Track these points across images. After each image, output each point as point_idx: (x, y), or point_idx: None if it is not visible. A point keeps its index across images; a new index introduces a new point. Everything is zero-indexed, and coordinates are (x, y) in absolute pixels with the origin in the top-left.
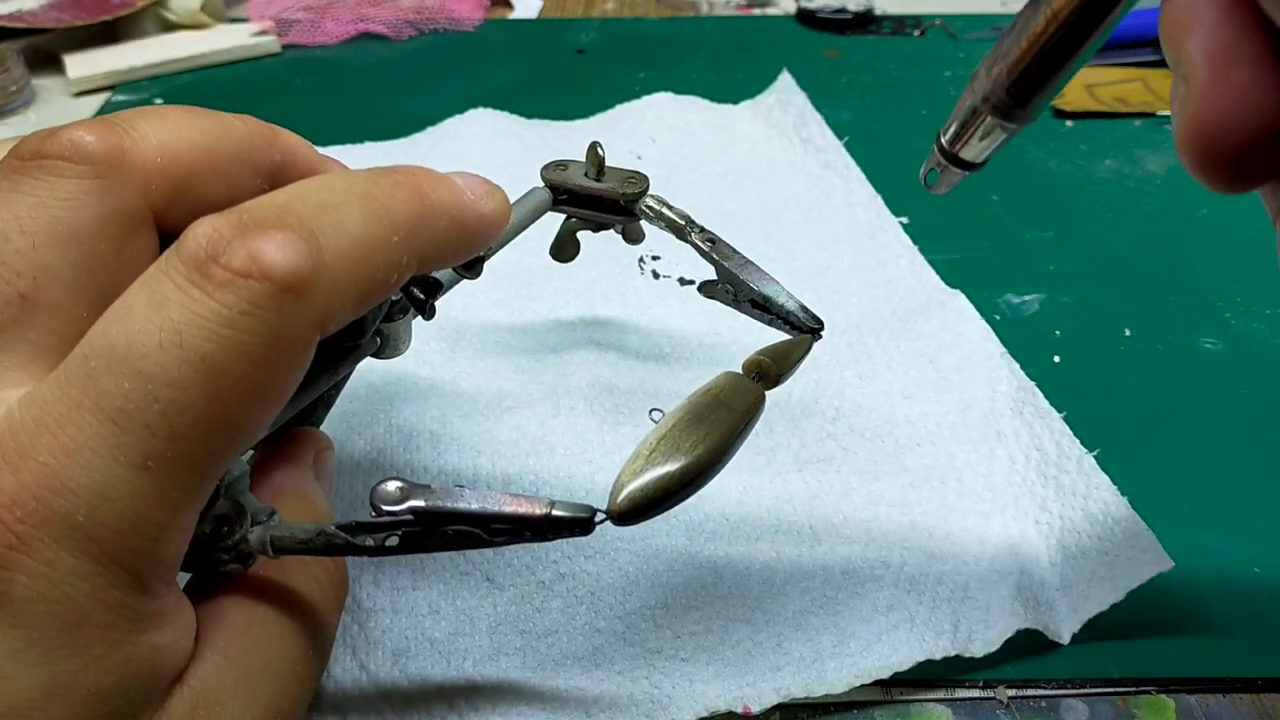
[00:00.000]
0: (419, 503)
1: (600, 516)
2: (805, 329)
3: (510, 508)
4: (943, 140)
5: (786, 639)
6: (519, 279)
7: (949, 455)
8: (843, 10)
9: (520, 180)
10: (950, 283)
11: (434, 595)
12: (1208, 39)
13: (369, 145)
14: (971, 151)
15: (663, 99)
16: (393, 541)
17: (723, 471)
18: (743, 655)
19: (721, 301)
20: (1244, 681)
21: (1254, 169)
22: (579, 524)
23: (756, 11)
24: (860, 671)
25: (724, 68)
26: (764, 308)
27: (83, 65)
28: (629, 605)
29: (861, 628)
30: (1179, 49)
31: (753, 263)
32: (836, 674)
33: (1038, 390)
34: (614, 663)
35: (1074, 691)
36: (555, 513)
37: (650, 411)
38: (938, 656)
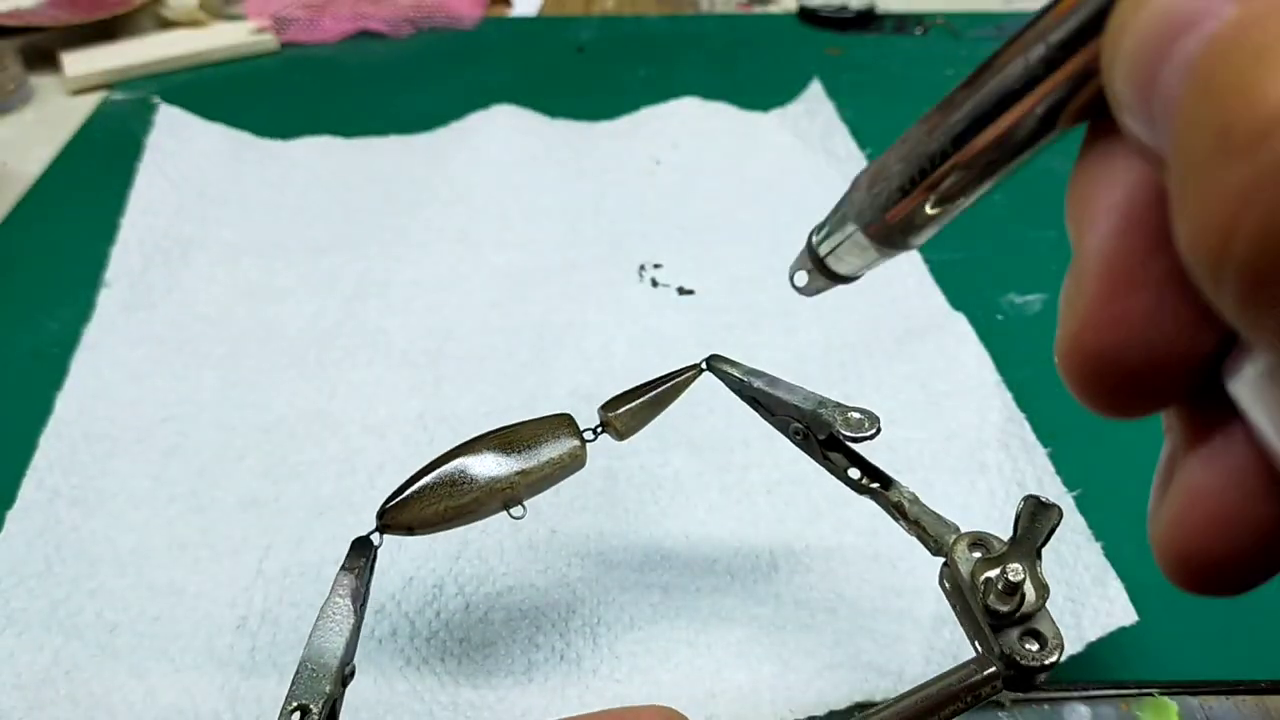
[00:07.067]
0: None
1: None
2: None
3: None
4: (813, 241)
5: (726, 666)
6: (518, 278)
7: (926, 484)
8: (845, 8)
9: (538, 179)
10: (952, 283)
11: (381, 598)
12: (1110, 242)
13: (393, 139)
14: (842, 265)
15: (689, 104)
16: None
17: (689, 486)
18: (679, 679)
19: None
20: (1246, 684)
21: (1139, 402)
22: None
23: (758, 9)
24: (796, 706)
25: (725, 66)
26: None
27: (80, 63)
28: (572, 622)
29: (805, 661)
30: (1078, 234)
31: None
32: (772, 706)
33: (1026, 422)
34: (548, 679)
35: (1076, 694)
36: None
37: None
38: (878, 697)
